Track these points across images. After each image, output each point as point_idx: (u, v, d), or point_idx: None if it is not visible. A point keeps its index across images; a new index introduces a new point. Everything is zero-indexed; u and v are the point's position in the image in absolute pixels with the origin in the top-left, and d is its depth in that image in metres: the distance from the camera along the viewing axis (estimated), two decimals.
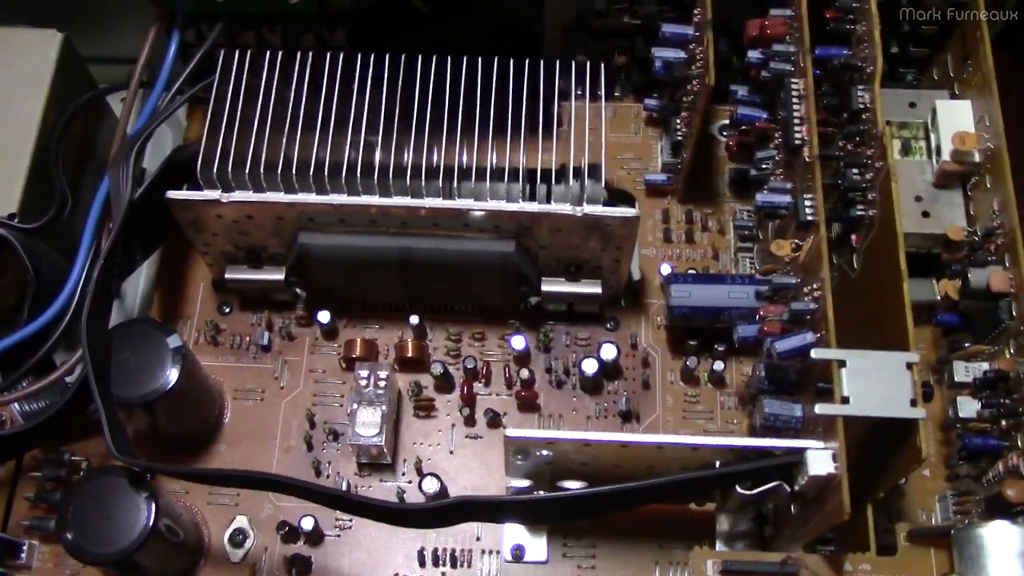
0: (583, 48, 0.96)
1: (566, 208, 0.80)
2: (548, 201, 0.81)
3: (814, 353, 0.69)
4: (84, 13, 0.94)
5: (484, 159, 0.81)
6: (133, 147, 0.82)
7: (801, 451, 0.69)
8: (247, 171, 0.80)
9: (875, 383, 0.68)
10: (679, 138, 0.94)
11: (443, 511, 0.71)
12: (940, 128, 0.85)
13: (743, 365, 0.90)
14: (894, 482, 0.72)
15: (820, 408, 0.67)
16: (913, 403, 0.67)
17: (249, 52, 0.83)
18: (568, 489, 0.79)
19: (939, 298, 0.85)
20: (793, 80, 0.80)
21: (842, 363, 0.68)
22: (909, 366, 0.68)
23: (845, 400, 0.67)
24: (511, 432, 0.71)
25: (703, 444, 0.71)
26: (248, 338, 0.92)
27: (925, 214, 0.85)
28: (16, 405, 0.85)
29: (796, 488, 0.71)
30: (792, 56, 0.81)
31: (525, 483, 0.81)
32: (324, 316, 0.90)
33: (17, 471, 0.87)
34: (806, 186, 0.77)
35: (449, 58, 0.83)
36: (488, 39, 0.88)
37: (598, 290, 0.88)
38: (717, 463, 0.73)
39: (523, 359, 0.91)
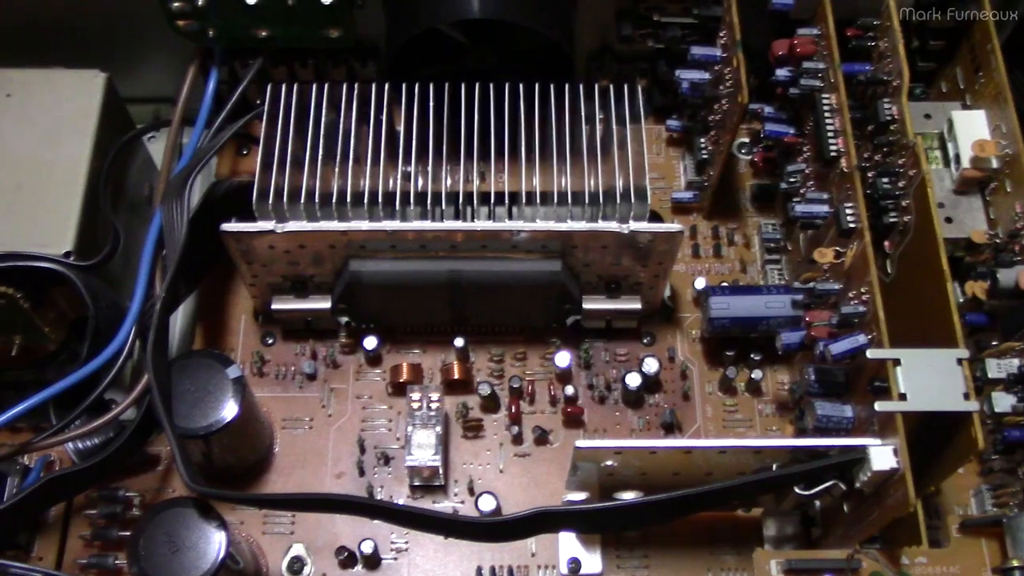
0: (607, 73, 1.00)
1: (612, 225, 0.83)
2: (594, 221, 0.83)
3: (870, 353, 0.72)
4: (108, 52, 0.95)
5: (529, 183, 0.84)
6: (185, 183, 0.84)
7: (863, 448, 0.72)
8: (301, 203, 0.82)
9: (929, 379, 0.71)
10: (704, 156, 0.97)
11: (520, 523, 0.72)
12: (958, 137, 0.89)
13: (778, 373, 0.93)
14: (948, 474, 0.75)
15: (880, 406, 0.70)
16: (967, 396, 0.70)
17: (295, 86, 0.85)
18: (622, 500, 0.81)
19: (962, 300, 0.88)
20: (824, 95, 0.84)
21: (897, 362, 0.71)
22: (960, 361, 0.71)
23: (903, 397, 0.70)
24: (581, 443, 0.73)
25: (765, 446, 0.74)
26: (293, 368, 0.93)
27: (948, 220, 0.89)
28: (70, 444, 0.85)
29: (856, 485, 0.74)
30: (821, 72, 0.85)
31: (582, 495, 0.83)
32: (371, 342, 0.91)
33: (68, 510, 0.88)
34: (844, 195, 0.81)
35: (490, 84, 0.85)
36: (523, 68, 0.91)
37: (638, 306, 0.91)
38: (774, 465, 0.76)
39: (566, 376, 0.93)
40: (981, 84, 0.91)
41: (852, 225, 0.79)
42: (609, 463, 0.76)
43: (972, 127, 0.89)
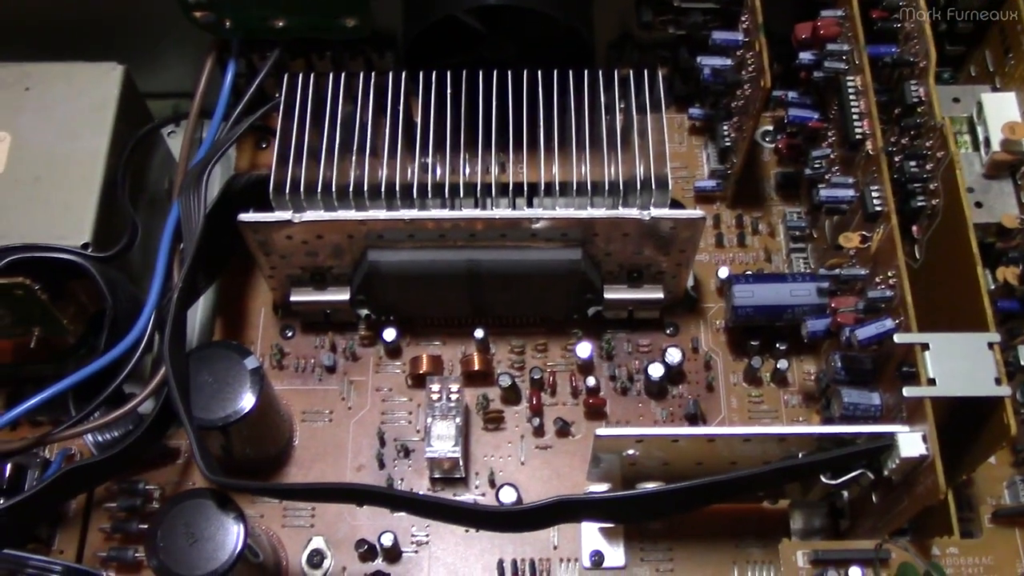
0: (628, 61, 0.98)
1: (633, 212, 0.81)
2: (613, 206, 0.82)
3: (897, 338, 0.70)
4: (127, 47, 0.95)
5: (549, 172, 0.82)
6: (202, 175, 0.83)
7: (891, 435, 0.70)
8: (319, 193, 0.81)
9: (959, 364, 0.69)
10: (727, 144, 0.96)
11: (540, 512, 0.71)
12: (987, 120, 0.87)
13: (804, 363, 0.92)
14: (980, 462, 0.73)
15: (908, 391, 0.69)
16: (998, 381, 0.69)
17: (312, 76, 0.84)
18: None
19: (993, 287, 0.86)
20: (849, 77, 0.82)
21: (925, 346, 0.70)
22: (991, 346, 0.69)
23: (932, 382, 0.69)
24: (601, 431, 0.72)
25: (791, 433, 0.72)
26: (312, 360, 0.93)
27: (978, 204, 0.87)
28: (89, 436, 0.85)
29: (884, 474, 0.72)
30: (845, 55, 0.83)
31: (604, 487, 0.82)
32: (390, 334, 0.91)
33: (89, 503, 0.87)
34: (870, 179, 0.79)
35: (509, 72, 0.84)
36: (541, 56, 0.90)
37: (660, 295, 0.90)
38: (800, 454, 0.74)
39: (587, 368, 0.92)
40: (1011, 66, 0.89)
41: (879, 208, 0.77)
42: (631, 452, 0.75)
43: (1002, 109, 0.87)
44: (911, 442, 0.69)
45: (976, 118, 0.89)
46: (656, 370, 0.88)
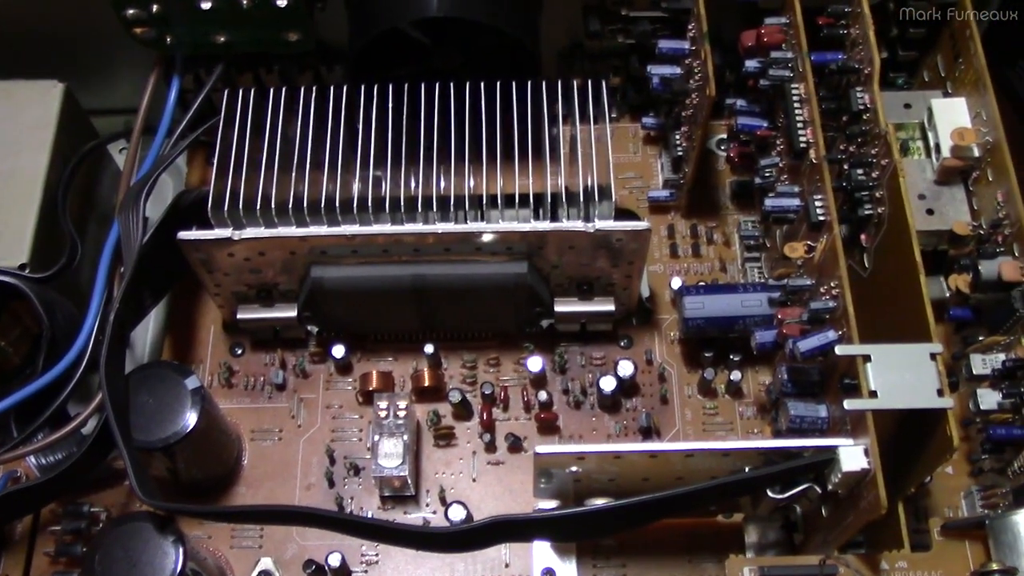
0: (578, 71, 0.97)
1: (578, 225, 0.80)
2: (557, 219, 0.81)
3: (838, 350, 0.69)
4: (75, 64, 0.94)
5: (493, 185, 0.82)
6: (141, 192, 0.82)
7: (833, 449, 0.69)
8: (258, 209, 0.80)
9: (901, 376, 0.68)
10: (679, 153, 0.95)
11: (476, 532, 0.70)
12: (937, 126, 0.86)
13: (759, 374, 0.91)
14: (925, 475, 0.72)
15: (849, 404, 0.67)
16: (940, 393, 0.67)
17: (252, 91, 0.83)
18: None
19: (948, 294, 0.85)
20: (793, 85, 0.81)
21: (867, 358, 0.68)
22: (933, 356, 0.68)
23: (873, 394, 0.68)
24: (541, 448, 0.71)
25: (733, 448, 0.71)
26: (262, 378, 0.92)
27: (929, 211, 0.86)
28: (32, 458, 0.84)
29: (829, 488, 0.71)
30: (790, 62, 0.82)
31: (553, 504, 0.80)
32: (339, 350, 0.90)
33: (35, 526, 0.86)
34: (814, 188, 0.78)
35: (452, 84, 0.83)
36: (488, 67, 0.89)
37: (611, 308, 0.89)
38: (747, 468, 0.73)
39: (540, 381, 0.90)
40: (961, 71, 0.88)
41: (822, 218, 0.76)
42: (574, 469, 0.74)
43: (952, 115, 0.86)
44: (853, 456, 0.68)
45: (927, 124, 0.88)
46: (608, 383, 0.87)
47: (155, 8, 0.83)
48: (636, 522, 0.75)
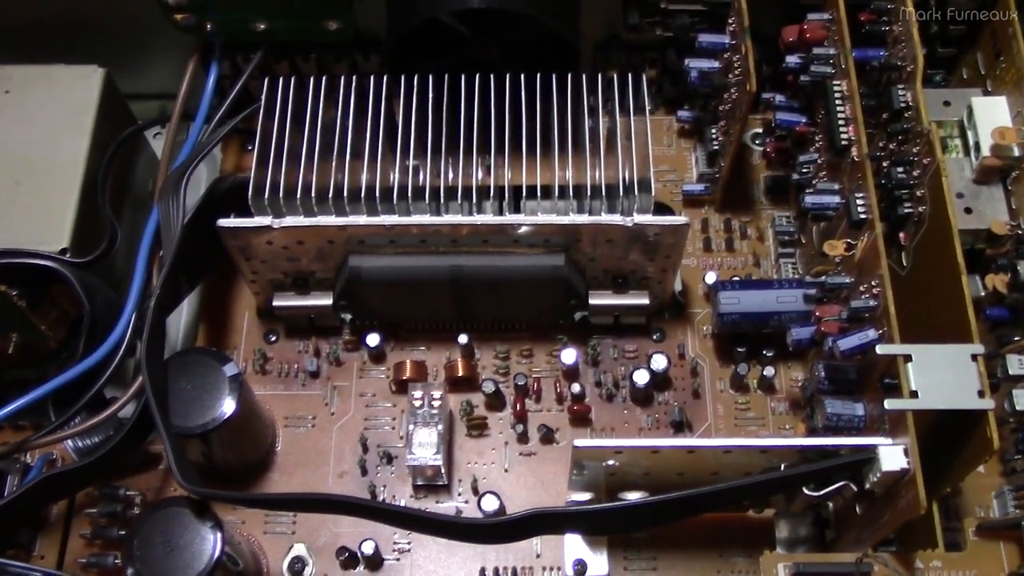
0: (615, 64, 0.97)
1: (616, 219, 0.80)
2: (598, 214, 0.81)
3: (879, 349, 0.69)
4: (113, 49, 0.94)
5: (531, 176, 0.82)
6: (181, 179, 0.83)
7: (872, 448, 0.69)
8: (297, 198, 0.80)
9: (942, 376, 0.68)
10: (715, 148, 0.95)
11: (516, 524, 0.70)
12: (977, 125, 0.86)
13: (792, 370, 0.91)
14: (964, 475, 0.72)
15: (890, 404, 0.68)
16: (981, 394, 0.67)
17: (292, 79, 0.84)
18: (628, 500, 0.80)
19: (983, 293, 0.85)
20: (835, 82, 0.81)
21: (908, 358, 0.68)
22: (974, 357, 0.68)
23: (914, 394, 0.68)
24: (579, 442, 0.71)
25: (771, 446, 0.71)
26: (296, 365, 0.92)
27: (968, 210, 0.86)
28: (70, 442, 0.85)
29: (866, 486, 0.71)
30: (832, 59, 0.82)
31: (586, 496, 0.81)
32: (373, 339, 0.90)
33: (70, 509, 0.87)
34: (855, 185, 0.78)
35: (491, 76, 0.83)
36: (526, 59, 0.89)
37: (646, 301, 0.89)
38: (782, 465, 0.73)
39: (572, 374, 0.91)
40: (1002, 69, 0.88)
41: (863, 216, 0.76)
42: (610, 463, 0.74)
43: (993, 114, 0.86)
44: (892, 455, 0.68)
45: (967, 122, 0.88)
46: (641, 377, 0.87)
47: None
48: (671, 517, 0.75)
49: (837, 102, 0.80)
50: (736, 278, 0.93)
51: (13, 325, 0.81)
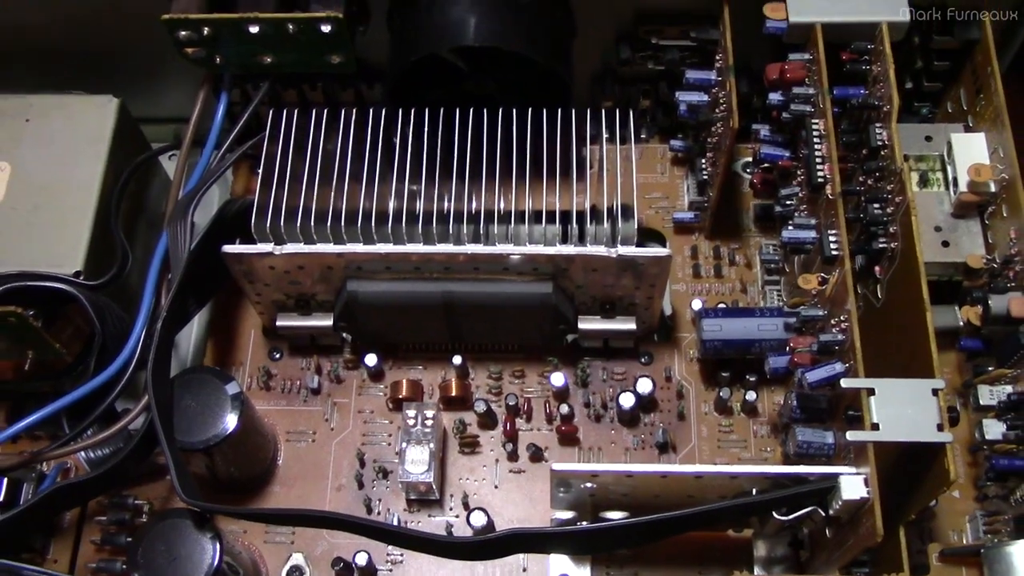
0: (609, 94, 1.01)
1: (601, 250, 0.84)
2: (582, 242, 0.85)
3: (844, 383, 0.72)
4: (127, 76, 0.99)
5: (521, 203, 0.85)
6: (189, 205, 0.87)
7: (834, 477, 0.72)
8: (298, 224, 0.84)
9: (903, 409, 0.71)
10: (705, 177, 0.98)
11: (494, 544, 0.74)
12: (956, 160, 0.88)
13: (775, 394, 0.94)
14: (924, 504, 0.75)
15: (851, 435, 0.71)
16: (940, 428, 0.70)
17: (296, 111, 0.88)
18: (610, 519, 0.83)
19: (962, 324, 0.88)
20: (814, 120, 0.84)
21: (871, 391, 0.71)
22: (935, 392, 0.71)
23: (875, 427, 0.71)
24: (557, 466, 0.75)
25: (741, 473, 0.74)
26: (298, 382, 0.96)
27: (945, 243, 0.88)
28: (82, 453, 0.89)
29: (831, 512, 0.74)
30: (812, 98, 0.85)
31: (569, 514, 0.84)
32: (371, 359, 0.94)
33: (82, 516, 0.92)
34: (830, 222, 0.81)
35: (485, 110, 0.87)
36: (521, 92, 0.93)
37: (633, 326, 0.92)
38: (754, 490, 0.76)
39: (562, 395, 0.94)
40: (982, 106, 0.90)
41: (835, 252, 0.79)
42: (588, 485, 0.77)
43: (971, 150, 0.89)
44: (853, 485, 0.71)
45: (946, 157, 0.91)
46: (627, 400, 0.91)
47: (206, 31, 0.88)
48: (646, 539, 0.79)
49: (815, 140, 0.83)
50: (722, 305, 0.96)
51: (29, 343, 0.86)
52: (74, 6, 0.93)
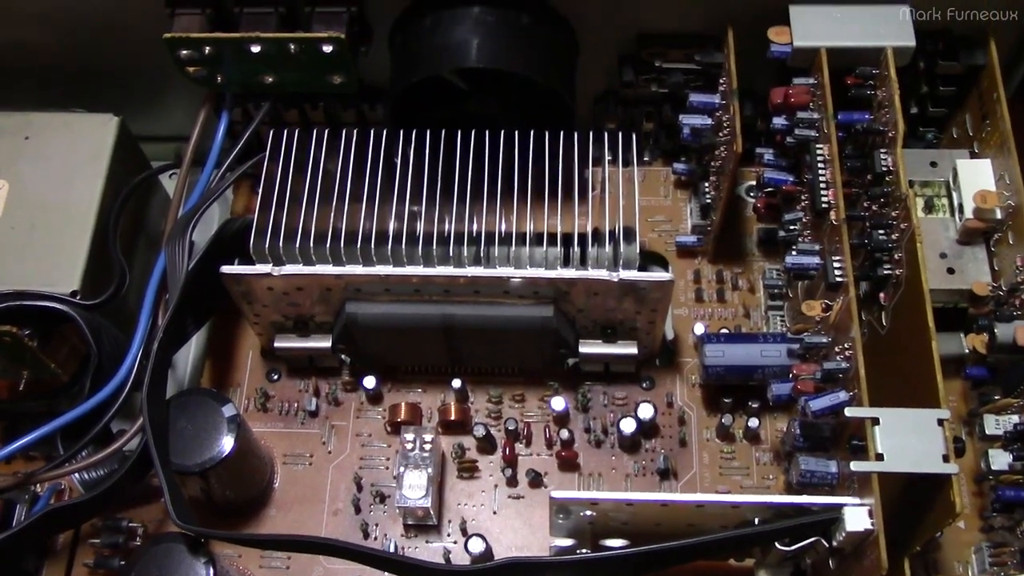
0: (612, 115, 1.00)
1: (602, 274, 0.83)
2: (584, 265, 0.84)
3: (848, 412, 0.72)
4: (128, 94, 0.98)
5: (522, 225, 0.85)
6: (188, 225, 0.86)
7: (838, 507, 0.71)
8: (297, 245, 0.84)
9: (908, 440, 0.70)
10: (708, 201, 0.97)
11: (491, 573, 0.73)
12: (962, 187, 0.88)
13: (777, 421, 0.93)
14: (929, 536, 0.74)
15: (856, 465, 0.70)
16: (946, 459, 0.69)
17: (296, 132, 0.87)
18: (611, 547, 0.82)
19: (967, 351, 0.87)
20: (818, 145, 0.83)
21: (876, 421, 0.70)
22: (940, 423, 0.70)
23: (880, 457, 0.70)
24: (556, 493, 0.74)
25: (743, 502, 0.73)
26: (296, 404, 0.95)
27: (950, 270, 0.87)
28: (76, 474, 0.88)
29: (834, 544, 0.73)
30: (816, 123, 0.84)
31: (568, 542, 0.83)
32: (370, 382, 0.93)
33: (75, 538, 0.91)
34: (834, 248, 0.80)
35: (487, 133, 0.86)
36: (523, 113, 0.92)
37: (634, 351, 0.91)
38: (756, 520, 0.75)
39: (562, 419, 0.93)
40: (988, 132, 0.89)
41: (839, 279, 0.78)
42: (588, 513, 0.76)
43: (977, 176, 0.88)
44: (857, 516, 0.70)
45: (952, 183, 0.90)
46: (628, 425, 0.90)
47: (207, 50, 0.87)
48: (647, 568, 0.77)
49: (819, 166, 0.82)
50: (724, 330, 0.95)
51: (24, 363, 0.85)
52: (76, 24, 0.93)
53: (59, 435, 0.86)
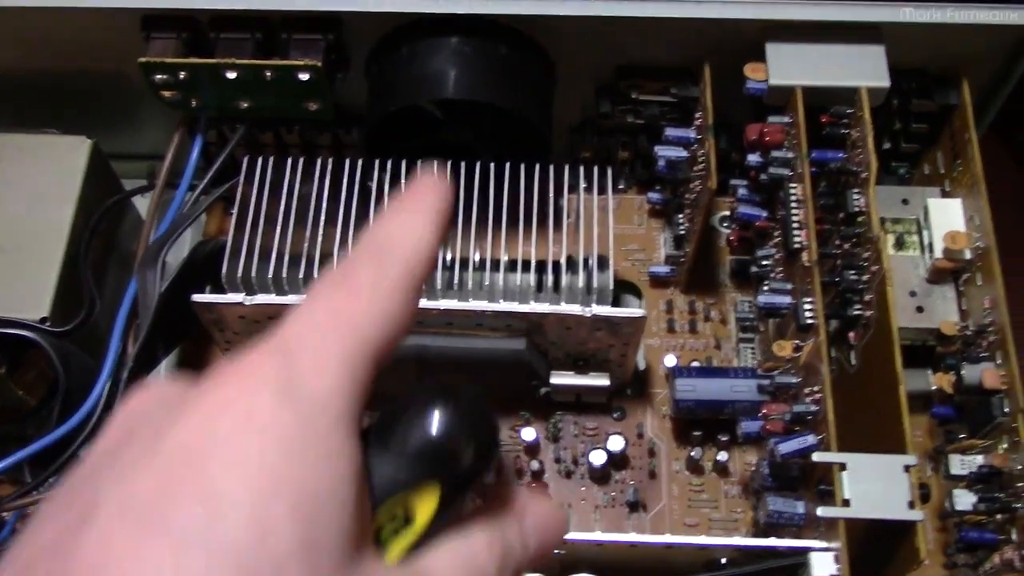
0: (588, 144, 1.00)
1: (575, 309, 0.83)
2: (557, 292, 0.84)
3: (815, 456, 0.72)
4: (101, 114, 0.98)
5: (496, 253, 0.85)
6: (160, 251, 0.86)
7: (804, 552, 0.72)
8: (270, 273, 0.83)
9: (874, 485, 0.71)
10: (681, 232, 0.97)
11: None
12: (932, 226, 0.88)
13: (746, 454, 0.93)
14: None
15: (822, 511, 0.70)
16: (911, 505, 0.70)
17: (272, 159, 0.87)
18: None
19: (934, 388, 0.88)
20: (792, 184, 0.84)
21: (843, 466, 0.71)
22: (907, 468, 0.71)
23: (846, 503, 0.70)
24: None
25: (710, 544, 0.74)
26: None
27: (919, 309, 0.88)
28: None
29: None
30: (790, 162, 0.85)
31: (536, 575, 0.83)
32: None
33: None
34: (805, 288, 0.81)
35: (463, 163, 0.86)
36: (498, 142, 0.92)
37: (606, 382, 0.91)
38: (723, 560, 0.76)
39: (533, 450, 0.93)
40: (959, 172, 0.90)
41: (810, 321, 0.79)
42: (556, 551, 0.77)
43: (947, 216, 0.89)
44: (823, 562, 0.71)
45: (923, 222, 0.91)
46: (597, 458, 0.90)
47: (182, 75, 0.87)
48: None
49: (792, 205, 0.83)
50: (695, 363, 0.96)
51: None
52: (49, 46, 0.92)
53: (27, 463, 0.85)
